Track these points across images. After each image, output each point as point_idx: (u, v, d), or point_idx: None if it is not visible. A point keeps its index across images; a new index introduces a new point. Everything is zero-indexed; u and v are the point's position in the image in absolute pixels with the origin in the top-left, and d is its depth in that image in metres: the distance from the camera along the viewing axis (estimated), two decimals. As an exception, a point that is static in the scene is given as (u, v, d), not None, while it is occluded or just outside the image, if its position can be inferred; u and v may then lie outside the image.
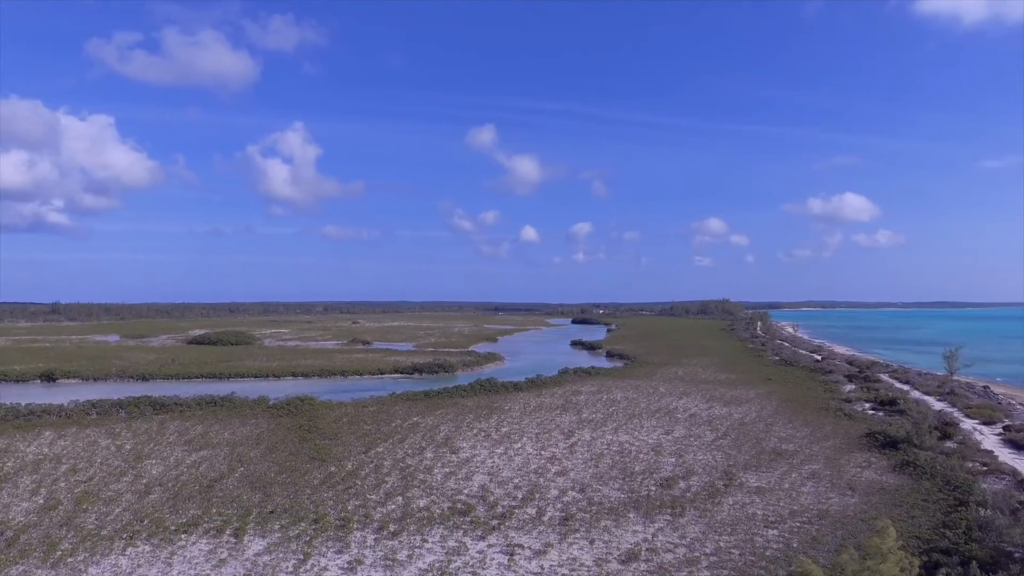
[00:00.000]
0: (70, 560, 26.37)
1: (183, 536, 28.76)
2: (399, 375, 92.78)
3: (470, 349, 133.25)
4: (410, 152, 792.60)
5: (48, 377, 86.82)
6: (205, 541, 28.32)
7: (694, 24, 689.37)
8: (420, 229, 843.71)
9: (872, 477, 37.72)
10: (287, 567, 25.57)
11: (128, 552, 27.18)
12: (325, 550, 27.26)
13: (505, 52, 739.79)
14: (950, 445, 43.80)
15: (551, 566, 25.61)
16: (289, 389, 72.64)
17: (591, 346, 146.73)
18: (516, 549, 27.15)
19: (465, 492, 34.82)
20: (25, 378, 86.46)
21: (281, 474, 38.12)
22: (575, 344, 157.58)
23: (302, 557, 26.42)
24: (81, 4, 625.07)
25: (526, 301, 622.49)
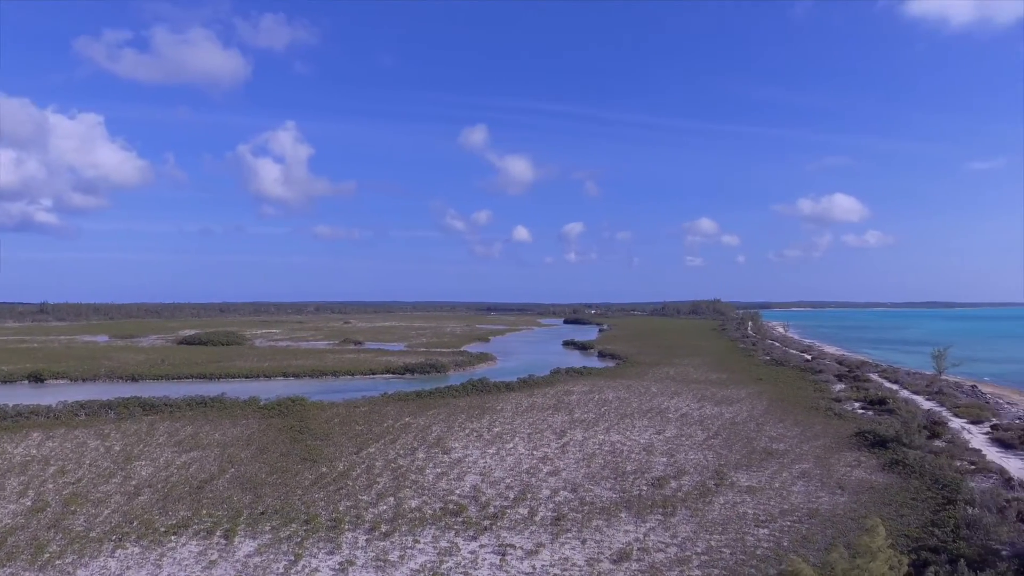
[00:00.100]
0: (58, 562, 26.16)
1: (173, 538, 28.60)
2: (391, 375, 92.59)
3: (462, 349, 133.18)
4: (402, 152, 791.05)
5: (36, 378, 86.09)
6: (195, 543, 28.17)
7: (685, 25, 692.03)
8: (412, 229, 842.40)
9: (862, 476, 37.97)
10: (278, 568, 25.48)
11: (117, 554, 27.00)
12: (316, 551, 27.17)
13: (497, 52, 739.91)
14: (939, 444, 44.14)
15: (543, 566, 25.64)
16: (280, 390, 72.37)
17: (583, 346, 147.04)
18: (508, 549, 27.17)
19: (457, 492, 34.79)
20: (13, 379, 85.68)
21: (272, 475, 37.97)
22: (567, 344, 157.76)
23: (293, 558, 26.32)
24: (70, 2, 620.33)
25: (518, 301, 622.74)
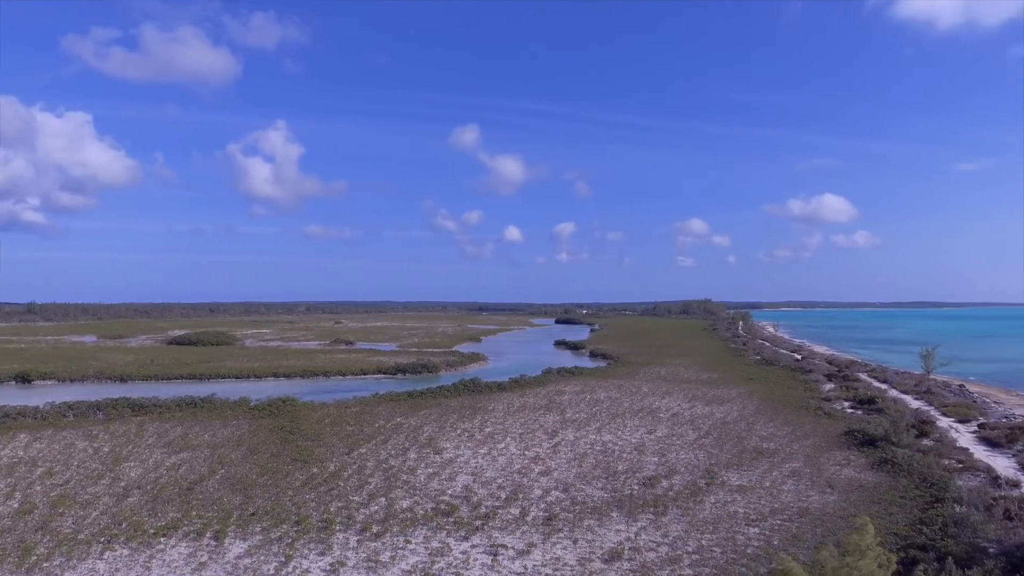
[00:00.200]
0: (46, 565, 25.92)
1: (162, 539, 28.40)
2: (382, 375, 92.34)
3: (454, 349, 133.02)
4: (394, 152, 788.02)
5: (23, 378, 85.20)
6: (185, 544, 27.99)
7: (676, 26, 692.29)
8: (404, 229, 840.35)
9: (851, 475, 38.23)
10: (268, 569, 25.36)
11: (106, 556, 26.79)
12: (307, 552, 27.07)
13: (489, 52, 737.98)
14: (927, 443, 44.49)
15: (534, 566, 25.65)
16: (271, 390, 72.00)
17: (574, 346, 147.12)
18: (499, 549, 27.16)
19: (448, 493, 34.75)
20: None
21: (262, 476, 37.78)
22: (559, 344, 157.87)
23: (284, 559, 26.21)
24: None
25: (510, 301, 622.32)
